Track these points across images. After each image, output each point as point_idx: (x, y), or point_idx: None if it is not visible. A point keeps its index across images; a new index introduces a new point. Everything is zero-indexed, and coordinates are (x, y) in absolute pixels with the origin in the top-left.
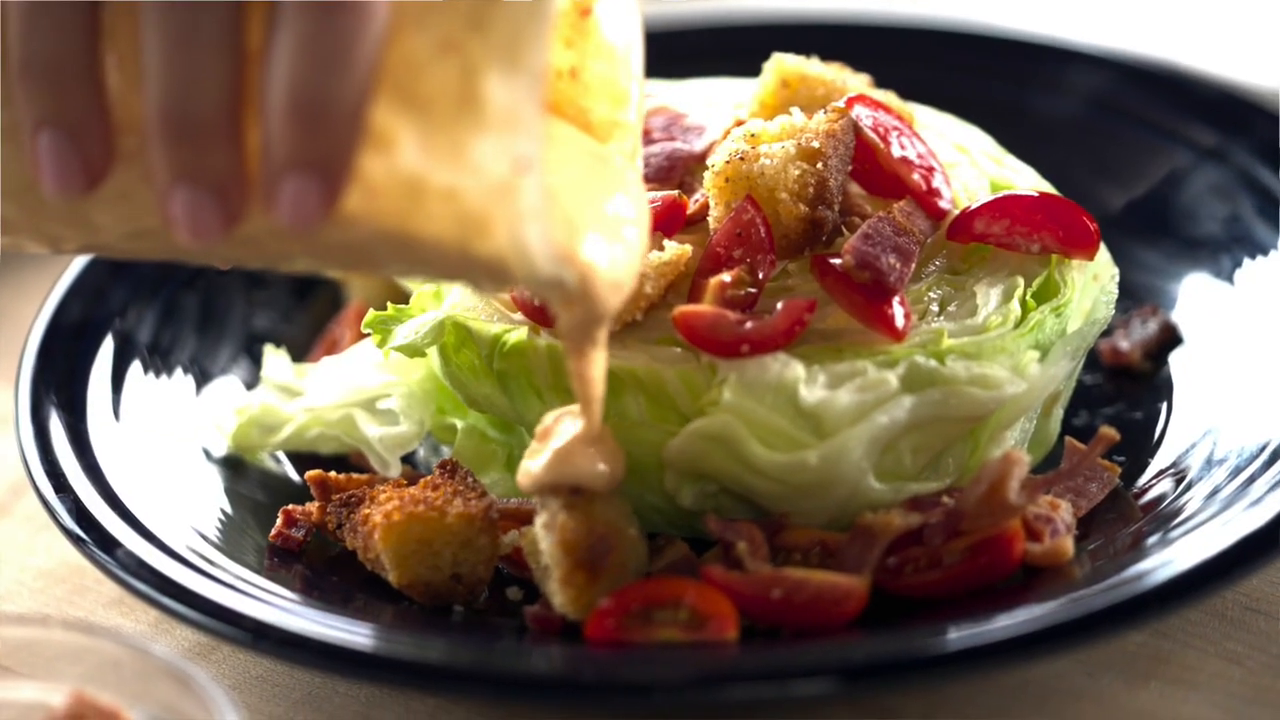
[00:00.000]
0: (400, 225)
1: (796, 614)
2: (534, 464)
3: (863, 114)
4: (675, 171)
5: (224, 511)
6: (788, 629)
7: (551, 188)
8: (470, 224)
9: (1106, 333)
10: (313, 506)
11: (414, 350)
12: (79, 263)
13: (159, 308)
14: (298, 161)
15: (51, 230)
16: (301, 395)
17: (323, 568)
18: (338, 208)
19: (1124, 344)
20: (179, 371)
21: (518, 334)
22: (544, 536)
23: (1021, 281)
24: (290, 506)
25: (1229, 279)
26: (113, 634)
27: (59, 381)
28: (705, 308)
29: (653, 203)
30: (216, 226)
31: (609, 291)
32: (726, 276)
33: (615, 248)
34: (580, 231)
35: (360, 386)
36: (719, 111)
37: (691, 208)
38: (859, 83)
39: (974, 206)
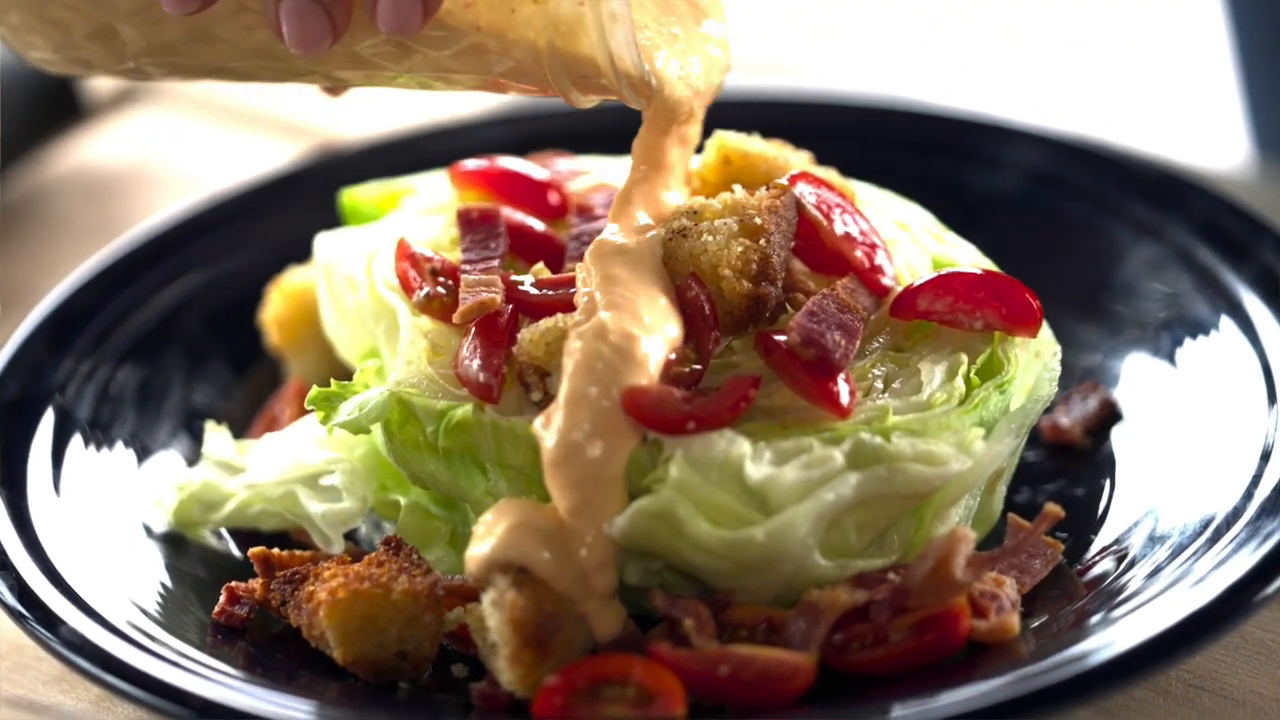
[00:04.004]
0: (496, 32)
1: (743, 691)
2: (481, 547)
3: (805, 191)
4: None
5: (166, 588)
6: (735, 706)
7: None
8: (561, 27)
9: (1047, 410)
10: (256, 583)
11: (358, 427)
12: (16, 338)
13: (98, 383)
14: None
15: (170, 53)
16: (243, 472)
17: (266, 645)
18: (436, 17)
19: (1065, 420)
20: (119, 447)
21: (462, 410)
22: (491, 614)
23: (965, 358)
24: (233, 583)
25: (1168, 356)
26: (55, 712)
27: None
28: (650, 385)
29: None
30: (321, 35)
31: (687, 93)
32: (671, 354)
33: (697, 57)
34: (664, 37)
35: (302, 463)
36: None
37: None
38: (800, 160)
39: (917, 284)
